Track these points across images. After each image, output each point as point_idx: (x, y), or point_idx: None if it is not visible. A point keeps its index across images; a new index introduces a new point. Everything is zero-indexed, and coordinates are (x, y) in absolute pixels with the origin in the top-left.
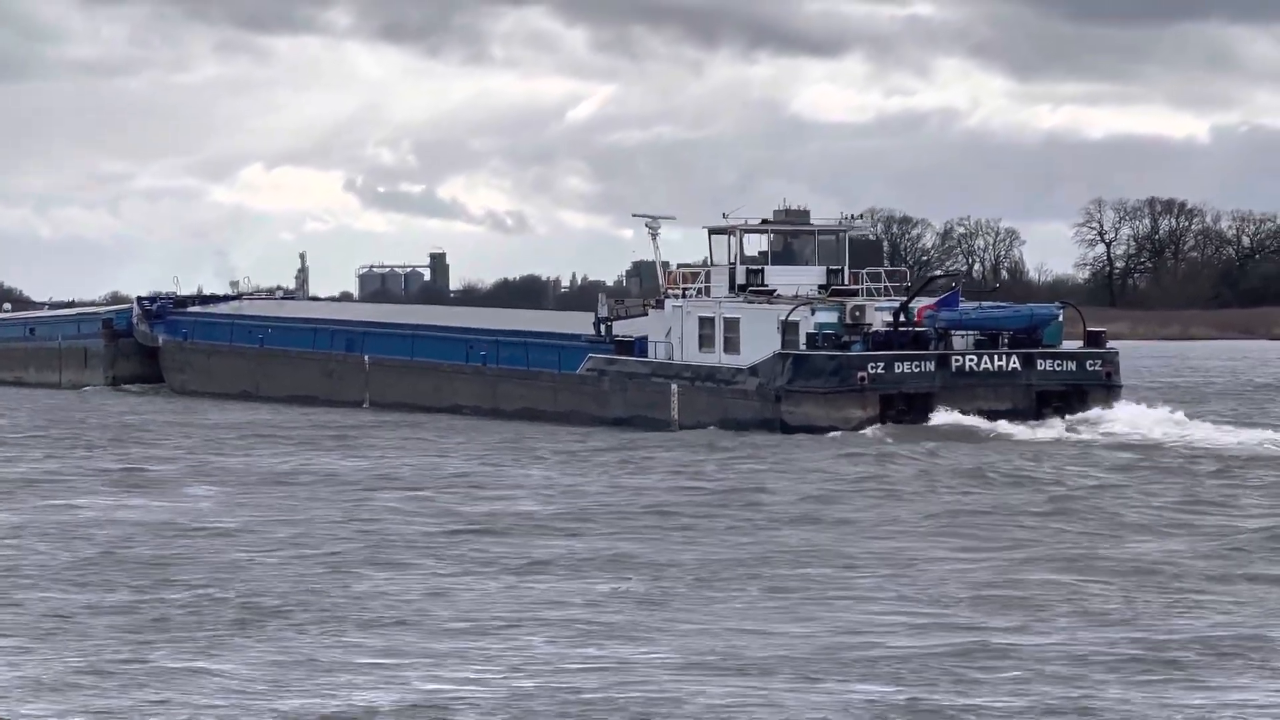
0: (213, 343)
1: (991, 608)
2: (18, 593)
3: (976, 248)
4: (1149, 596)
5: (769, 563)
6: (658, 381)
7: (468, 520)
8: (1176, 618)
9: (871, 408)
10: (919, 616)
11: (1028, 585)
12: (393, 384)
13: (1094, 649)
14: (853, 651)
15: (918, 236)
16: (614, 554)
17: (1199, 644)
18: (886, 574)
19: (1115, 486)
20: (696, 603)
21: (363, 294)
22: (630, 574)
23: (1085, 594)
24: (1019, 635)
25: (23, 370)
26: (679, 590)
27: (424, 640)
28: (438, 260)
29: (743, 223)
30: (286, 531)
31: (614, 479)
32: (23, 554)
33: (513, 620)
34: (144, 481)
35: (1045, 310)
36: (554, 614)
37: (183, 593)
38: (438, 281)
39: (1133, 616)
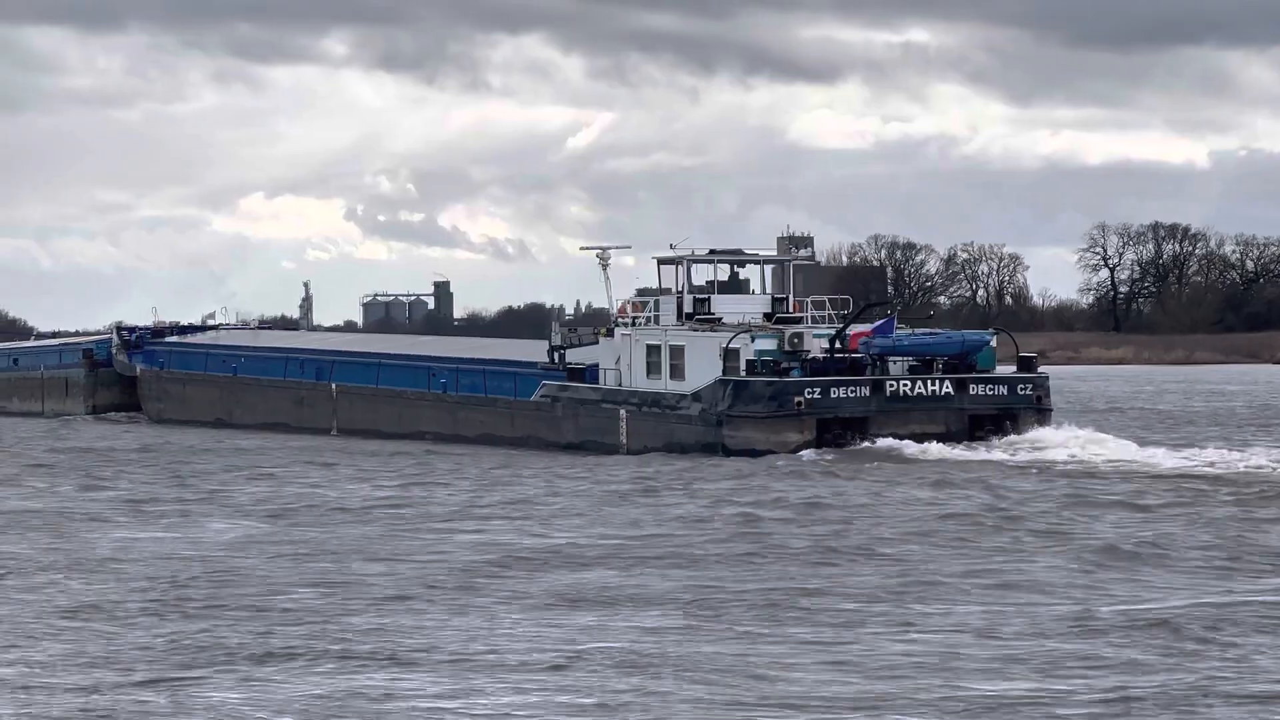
0: (188, 371)
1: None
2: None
3: (980, 273)
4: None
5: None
6: (607, 407)
7: (506, 552)
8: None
9: (809, 431)
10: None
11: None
12: (359, 411)
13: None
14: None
15: (921, 263)
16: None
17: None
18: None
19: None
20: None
21: (367, 322)
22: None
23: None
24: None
25: (6, 400)
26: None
27: (471, 677)
28: (441, 289)
29: (690, 253)
30: (332, 564)
31: (647, 509)
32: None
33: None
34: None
35: (976, 336)
36: (601, 647)
37: (210, 621)
38: (442, 310)
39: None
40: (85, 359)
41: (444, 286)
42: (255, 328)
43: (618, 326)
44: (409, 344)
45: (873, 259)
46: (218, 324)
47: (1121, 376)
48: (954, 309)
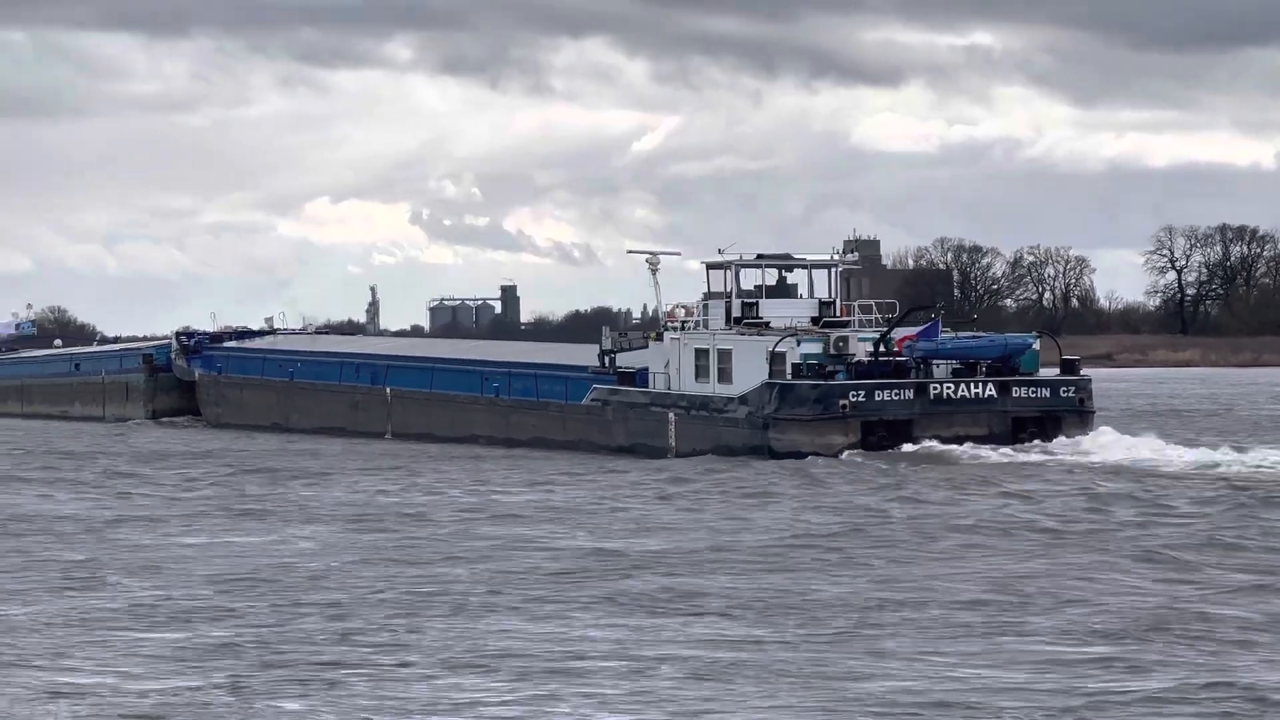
0: (245, 376)
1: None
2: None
3: (1046, 276)
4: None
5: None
6: (656, 411)
7: (597, 556)
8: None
9: (853, 434)
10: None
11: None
12: (414, 415)
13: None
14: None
15: (987, 266)
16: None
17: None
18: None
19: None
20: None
21: (434, 327)
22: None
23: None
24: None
25: (68, 405)
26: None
27: (548, 682)
28: (508, 293)
29: (738, 258)
30: (417, 571)
31: (730, 512)
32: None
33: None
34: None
35: (1019, 340)
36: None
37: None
38: (508, 314)
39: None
40: (145, 364)
41: (510, 290)
42: (313, 332)
43: (667, 331)
44: (462, 348)
45: (939, 262)
46: (275, 329)
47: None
48: (1020, 312)
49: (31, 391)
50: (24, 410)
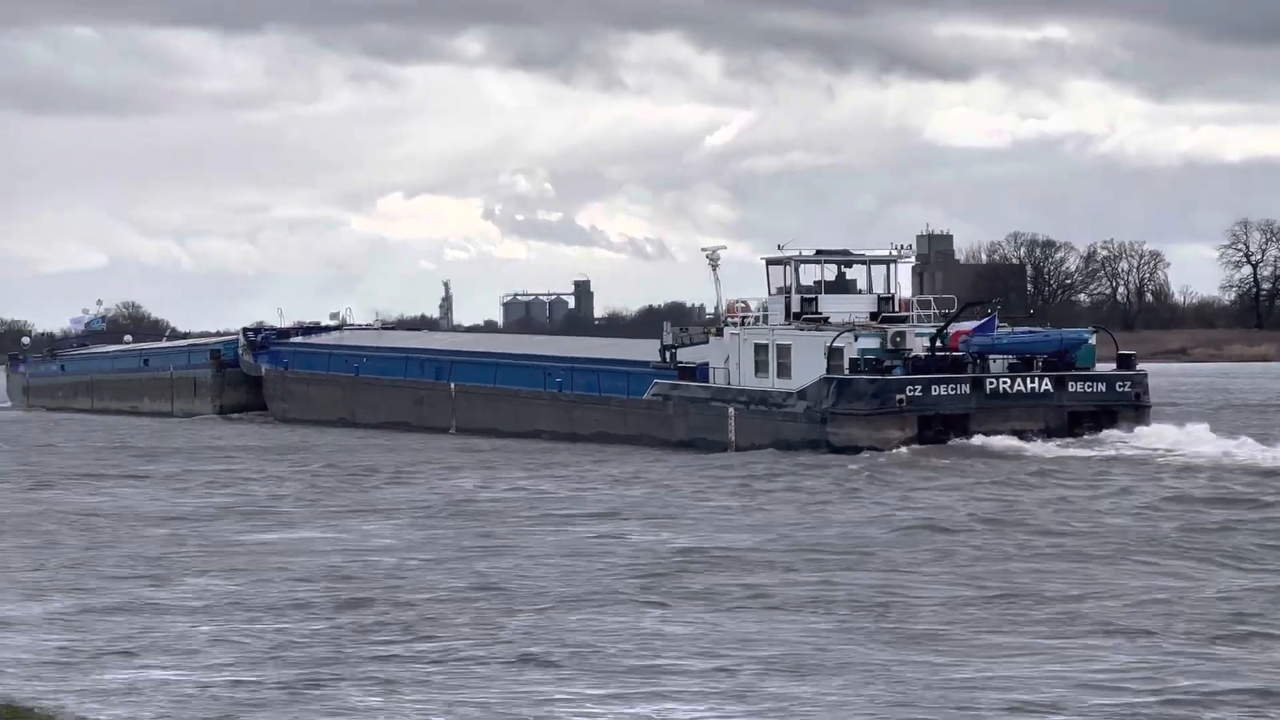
0: (312, 372)
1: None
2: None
3: (1120, 270)
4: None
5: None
6: (716, 405)
7: (683, 552)
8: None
9: (910, 428)
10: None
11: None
12: (478, 410)
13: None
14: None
15: (1061, 260)
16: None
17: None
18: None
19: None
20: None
21: (507, 322)
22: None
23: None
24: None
25: (137, 400)
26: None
27: (631, 680)
28: (582, 288)
29: (797, 253)
30: (510, 562)
31: (804, 509)
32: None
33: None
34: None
35: (1074, 335)
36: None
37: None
38: (582, 309)
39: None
40: (212, 359)
41: (584, 286)
42: (379, 328)
43: (727, 326)
44: (526, 344)
45: (1012, 257)
46: (342, 324)
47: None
48: (1094, 306)
49: (101, 387)
50: (94, 406)
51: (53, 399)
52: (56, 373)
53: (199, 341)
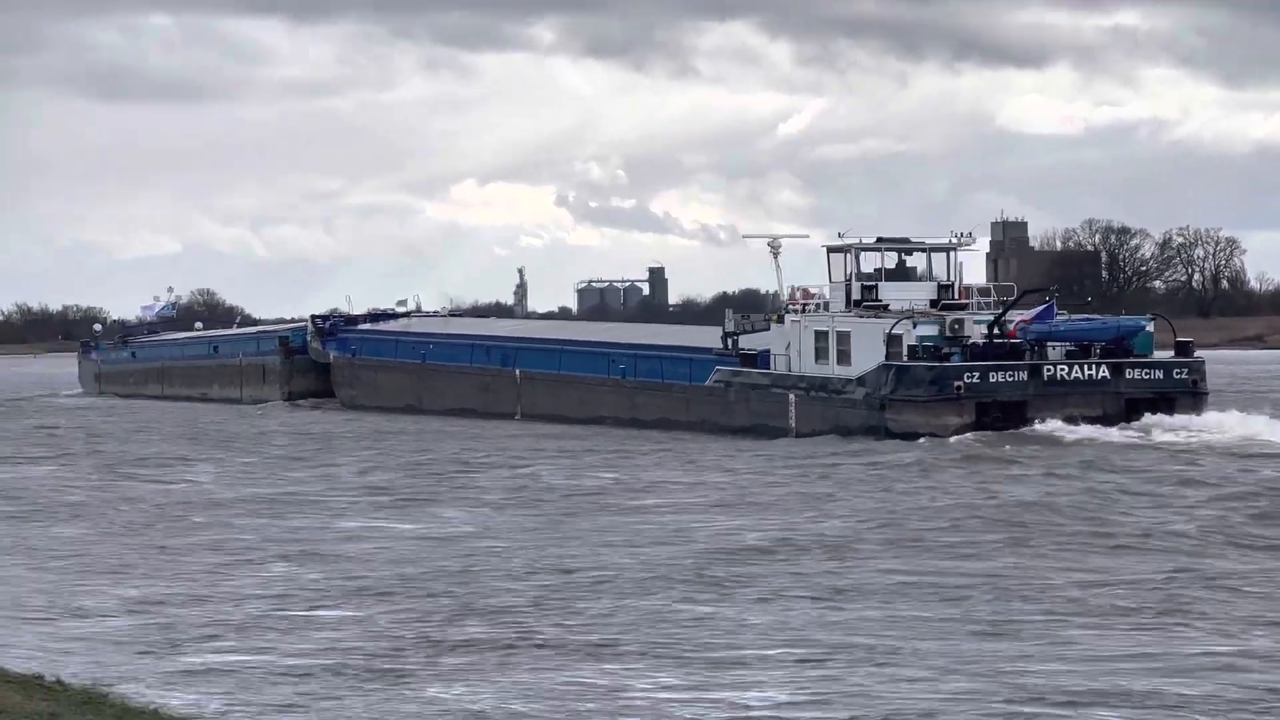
0: (379, 358)
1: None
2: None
3: (1196, 257)
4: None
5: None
6: (777, 392)
7: (769, 540)
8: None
9: (968, 415)
10: None
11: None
12: (542, 397)
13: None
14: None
15: (1136, 247)
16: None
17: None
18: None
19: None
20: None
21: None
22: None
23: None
24: None
25: (207, 387)
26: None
27: (713, 671)
28: (656, 274)
29: (858, 241)
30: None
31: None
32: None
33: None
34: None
35: (1131, 322)
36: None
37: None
38: (656, 296)
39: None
40: (281, 347)
41: (659, 273)
42: (446, 315)
43: (788, 313)
44: (590, 331)
45: (1087, 244)
46: (410, 311)
47: None
48: (1169, 293)
49: (171, 374)
50: (164, 392)
51: (124, 386)
52: (128, 359)
53: (268, 329)
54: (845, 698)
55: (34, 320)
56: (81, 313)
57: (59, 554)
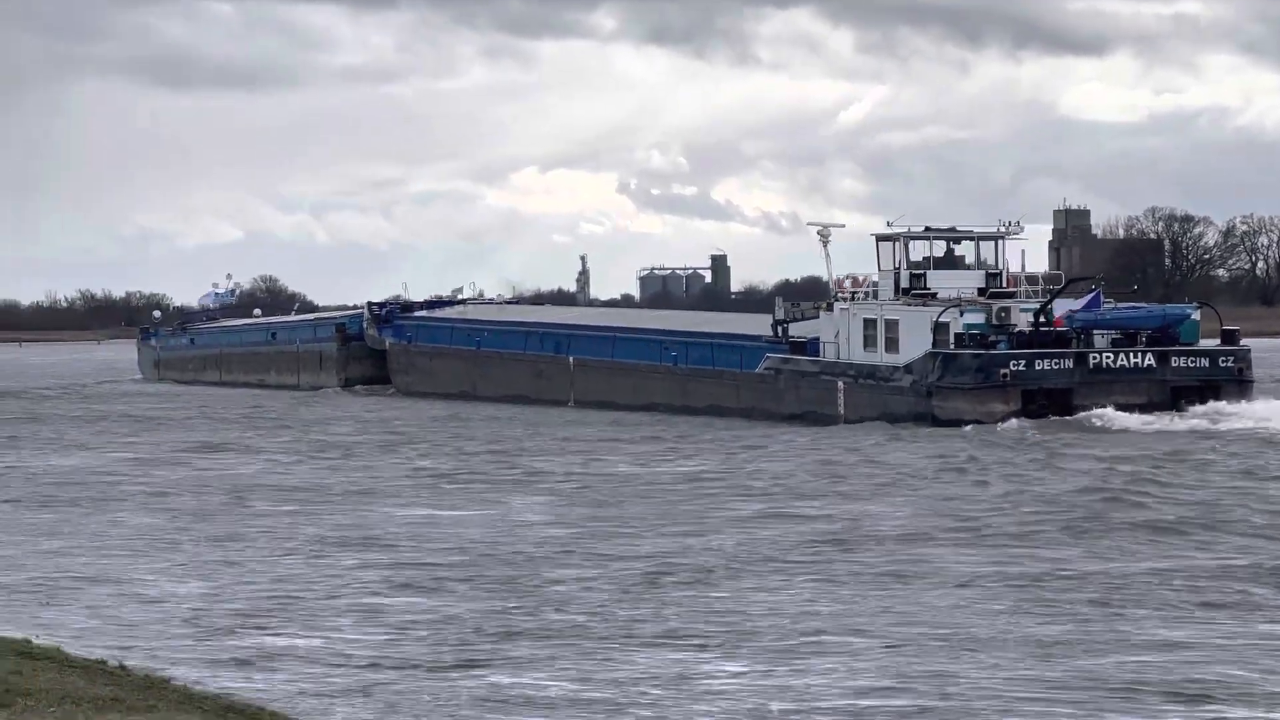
0: (434, 345)
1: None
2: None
3: (1259, 245)
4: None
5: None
6: (826, 379)
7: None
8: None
9: (1014, 402)
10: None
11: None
12: (595, 384)
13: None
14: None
15: (1199, 235)
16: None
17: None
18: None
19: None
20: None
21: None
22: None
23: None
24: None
25: (265, 373)
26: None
27: (784, 658)
28: (718, 262)
29: (907, 230)
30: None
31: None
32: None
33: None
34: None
35: (1177, 310)
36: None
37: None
38: (719, 283)
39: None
40: (338, 333)
41: (721, 260)
42: (501, 302)
43: (837, 301)
44: (642, 318)
45: (1150, 232)
46: (465, 299)
47: None
48: (1233, 281)
49: (229, 360)
50: (222, 379)
51: (182, 372)
52: (186, 346)
53: (325, 315)
54: (917, 688)
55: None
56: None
57: (124, 539)
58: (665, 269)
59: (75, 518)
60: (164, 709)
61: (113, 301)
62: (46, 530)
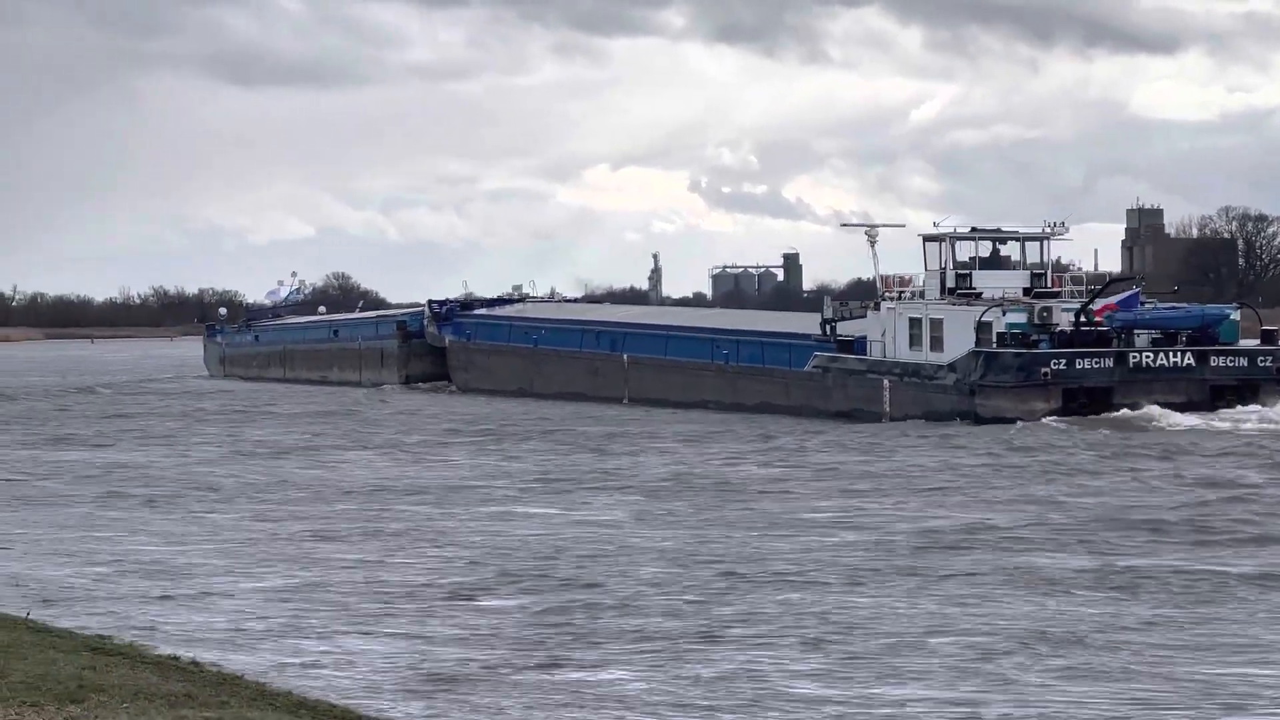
0: (493, 343)
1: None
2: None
3: None
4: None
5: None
6: (872, 378)
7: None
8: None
9: (1055, 400)
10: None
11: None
12: (649, 381)
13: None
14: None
15: (1274, 234)
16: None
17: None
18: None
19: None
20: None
21: (715, 294)
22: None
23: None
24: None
25: (327, 370)
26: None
27: (859, 664)
28: (790, 261)
29: (952, 230)
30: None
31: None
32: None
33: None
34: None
35: (1216, 310)
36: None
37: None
38: (791, 282)
39: None
40: (399, 331)
41: (793, 259)
42: (559, 300)
43: (884, 301)
44: (695, 316)
45: (1224, 231)
46: (524, 296)
47: None
48: None
49: (293, 357)
50: (286, 375)
51: (247, 369)
52: (251, 343)
53: (386, 313)
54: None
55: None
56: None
57: (202, 537)
58: (738, 268)
59: (162, 514)
60: (236, 705)
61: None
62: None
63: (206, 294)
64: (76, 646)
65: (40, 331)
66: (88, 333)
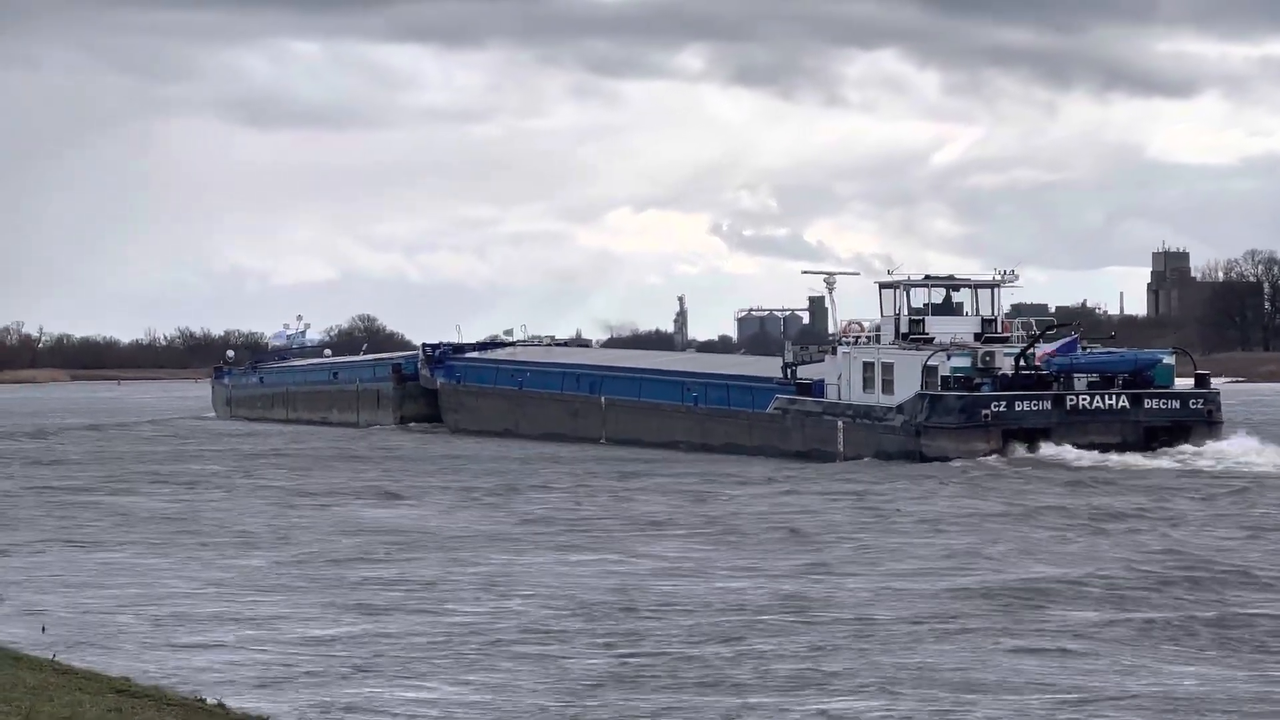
0: (480, 385)
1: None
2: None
3: None
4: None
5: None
6: (828, 419)
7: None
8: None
9: (995, 441)
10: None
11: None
12: (625, 422)
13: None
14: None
15: None
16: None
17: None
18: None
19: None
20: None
21: (741, 337)
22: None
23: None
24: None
25: (327, 411)
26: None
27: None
28: (816, 303)
29: (907, 278)
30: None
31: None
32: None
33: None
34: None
35: (1149, 355)
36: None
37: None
38: (816, 325)
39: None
40: (394, 374)
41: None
42: (548, 344)
43: (840, 345)
44: (668, 360)
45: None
46: (513, 340)
47: None
48: None
49: (295, 399)
50: (288, 416)
51: (252, 410)
52: (256, 385)
53: (384, 356)
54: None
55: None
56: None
57: (231, 580)
58: (763, 310)
59: (191, 556)
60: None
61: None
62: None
63: (232, 336)
64: (102, 688)
65: (66, 373)
66: (114, 374)
